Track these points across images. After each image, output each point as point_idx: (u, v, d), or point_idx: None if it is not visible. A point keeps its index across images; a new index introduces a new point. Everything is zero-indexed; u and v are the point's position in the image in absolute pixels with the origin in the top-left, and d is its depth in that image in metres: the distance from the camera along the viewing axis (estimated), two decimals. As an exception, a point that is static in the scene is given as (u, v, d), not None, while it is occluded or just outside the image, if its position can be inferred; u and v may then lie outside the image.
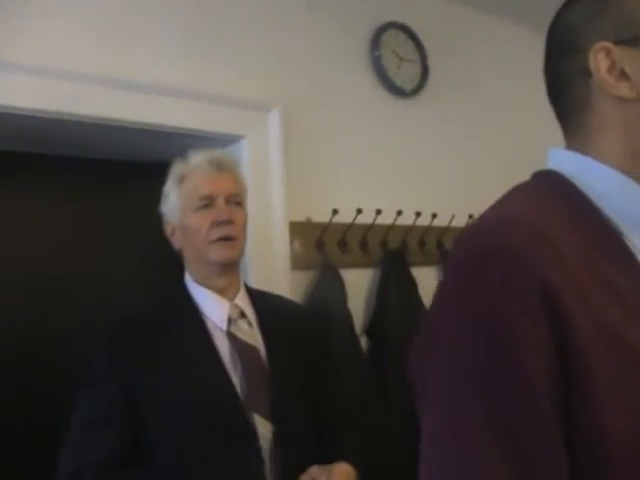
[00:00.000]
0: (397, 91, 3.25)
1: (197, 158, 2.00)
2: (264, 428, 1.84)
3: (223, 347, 1.90)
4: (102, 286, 2.64)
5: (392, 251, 3.03)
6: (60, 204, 2.67)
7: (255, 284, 2.33)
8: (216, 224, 1.92)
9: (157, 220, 2.08)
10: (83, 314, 2.56)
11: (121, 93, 2.34)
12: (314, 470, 1.81)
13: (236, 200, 1.98)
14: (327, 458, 1.88)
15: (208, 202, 1.94)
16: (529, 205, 0.94)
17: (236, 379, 1.87)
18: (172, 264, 2.10)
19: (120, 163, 2.75)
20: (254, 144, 2.69)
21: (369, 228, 2.94)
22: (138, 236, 2.72)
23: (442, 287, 0.92)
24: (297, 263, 2.75)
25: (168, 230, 2.03)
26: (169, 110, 2.47)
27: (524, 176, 1.06)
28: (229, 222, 1.92)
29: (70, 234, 2.67)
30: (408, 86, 3.29)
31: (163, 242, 2.07)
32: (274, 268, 2.65)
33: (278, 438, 1.85)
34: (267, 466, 1.82)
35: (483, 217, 0.95)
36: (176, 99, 2.49)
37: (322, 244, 2.82)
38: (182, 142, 2.43)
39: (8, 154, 2.50)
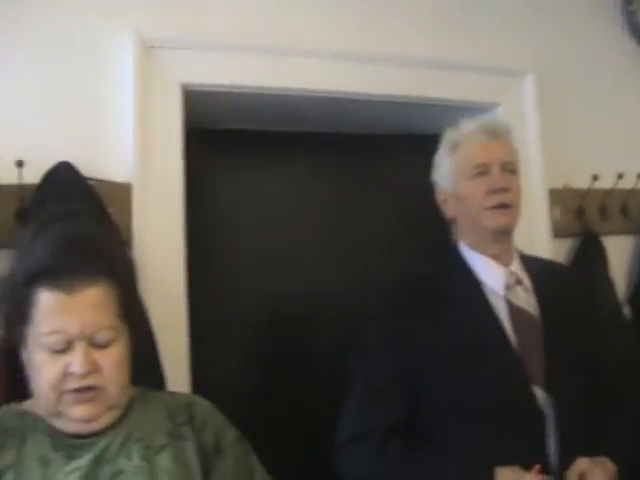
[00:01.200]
0: (653, 48, 3.07)
1: (470, 125, 1.97)
2: (540, 398, 1.79)
3: (502, 313, 1.87)
4: (371, 257, 2.72)
5: (655, 217, 2.89)
6: (332, 179, 2.77)
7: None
8: (491, 192, 1.88)
9: (421, 190, 2.09)
10: (351, 283, 2.64)
11: (384, 69, 2.38)
12: (583, 466, 1.70)
13: (511, 168, 1.93)
14: (594, 439, 1.80)
15: (483, 170, 1.90)
16: None
17: (515, 346, 1.84)
18: (442, 233, 2.10)
19: (381, 137, 2.80)
20: (509, 111, 2.65)
21: (630, 193, 2.81)
22: (403, 207, 2.76)
23: None
24: (558, 231, 2.68)
25: (440, 198, 2.02)
26: (425, 81, 2.48)
27: None
28: (505, 190, 1.88)
29: (342, 205, 2.77)
30: (665, 42, 3.10)
31: (431, 212, 2.07)
32: (535, 237, 2.60)
33: (557, 409, 1.79)
34: (550, 438, 1.77)
35: None
36: (432, 70, 2.49)
37: (582, 211, 2.73)
38: (438, 113, 2.43)
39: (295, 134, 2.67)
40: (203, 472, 1.40)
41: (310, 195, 2.72)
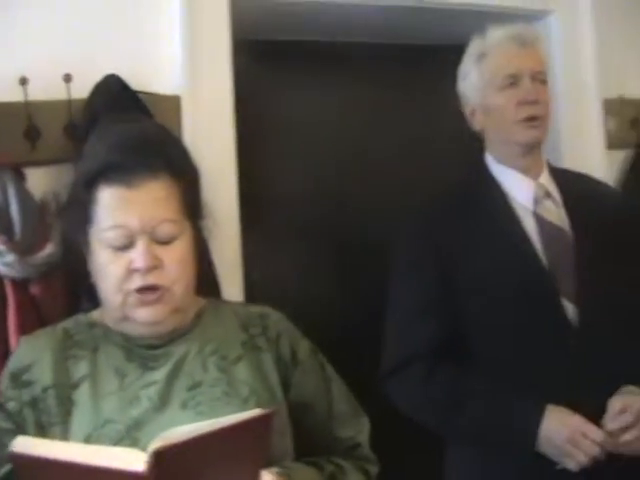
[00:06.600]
0: None
1: (498, 34, 1.90)
2: (570, 312, 1.79)
3: (530, 227, 1.85)
4: (403, 169, 2.73)
5: None
6: (362, 88, 2.74)
7: (567, 164, 2.28)
8: (522, 104, 1.83)
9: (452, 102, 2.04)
10: (388, 197, 2.66)
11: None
12: (628, 398, 1.69)
13: (541, 78, 1.88)
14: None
15: (513, 81, 1.85)
16: None
17: (544, 260, 1.83)
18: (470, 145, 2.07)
19: (414, 47, 2.75)
20: (564, 19, 2.57)
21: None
22: (434, 118, 2.73)
23: None
24: (612, 142, 2.63)
25: (467, 111, 1.97)
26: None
27: None
28: (536, 102, 1.84)
29: (373, 116, 2.75)
30: None
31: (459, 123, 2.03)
32: (587, 148, 2.56)
33: (585, 323, 1.78)
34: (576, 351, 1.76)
35: None
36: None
37: (637, 122, 2.66)
38: (479, 21, 2.37)
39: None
40: (282, 384, 1.39)
41: (358, 104, 2.72)
